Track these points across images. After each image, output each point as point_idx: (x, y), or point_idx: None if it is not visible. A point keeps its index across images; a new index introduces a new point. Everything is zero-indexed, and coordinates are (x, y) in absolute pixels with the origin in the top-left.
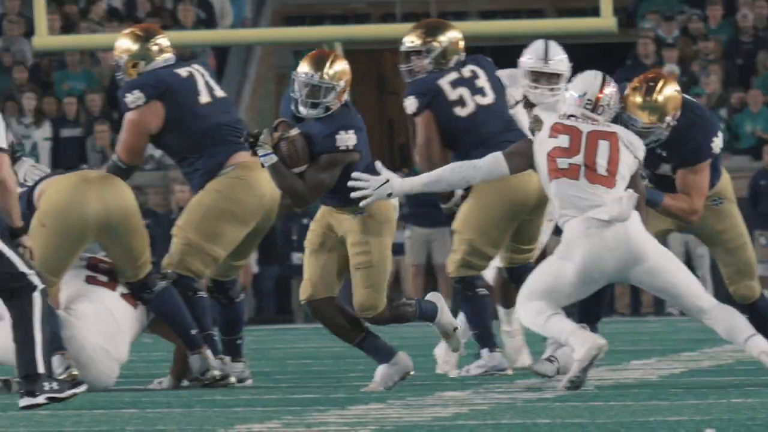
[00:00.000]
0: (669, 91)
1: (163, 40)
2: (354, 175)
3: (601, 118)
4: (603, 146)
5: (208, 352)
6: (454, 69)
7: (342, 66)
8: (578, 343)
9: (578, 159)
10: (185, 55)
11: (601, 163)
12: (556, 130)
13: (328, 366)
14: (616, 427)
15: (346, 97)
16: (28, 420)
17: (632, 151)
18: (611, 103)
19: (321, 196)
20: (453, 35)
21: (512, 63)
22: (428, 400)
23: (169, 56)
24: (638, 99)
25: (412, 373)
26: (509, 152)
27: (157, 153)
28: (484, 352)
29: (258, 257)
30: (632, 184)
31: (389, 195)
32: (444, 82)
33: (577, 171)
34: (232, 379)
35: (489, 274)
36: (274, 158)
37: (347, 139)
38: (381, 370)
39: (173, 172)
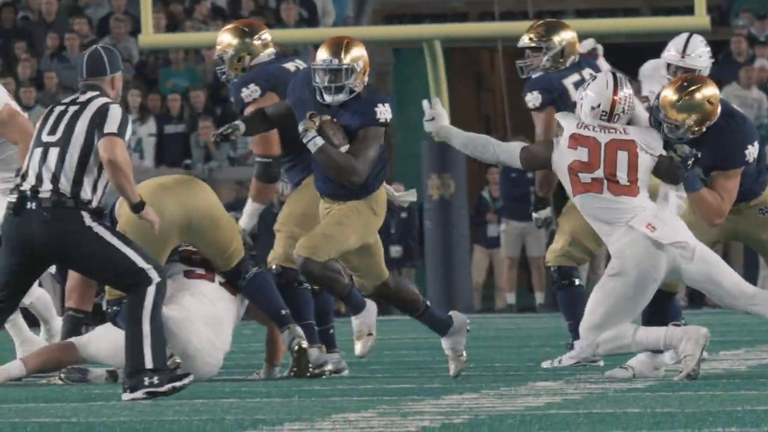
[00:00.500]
0: (705, 94)
1: (267, 35)
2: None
3: (618, 124)
4: (622, 157)
5: (297, 328)
6: (574, 70)
7: (359, 50)
8: (682, 340)
9: (599, 173)
10: (288, 52)
11: (622, 175)
12: (575, 140)
13: (424, 356)
14: (705, 416)
15: (366, 79)
16: (130, 410)
17: (650, 153)
18: (627, 107)
19: (327, 188)
20: (570, 35)
21: (608, 60)
22: (521, 389)
23: (272, 51)
24: (670, 95)
25: (468, 322)
26: (528, 149)
27: None
28: (577, 343)
29: None
30: (664, 164)
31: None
32: (569, 83)
33: (600, 185)
34: (329, 367)
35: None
36: (321, 140)
37: (386, 111)
38: (446, 342)
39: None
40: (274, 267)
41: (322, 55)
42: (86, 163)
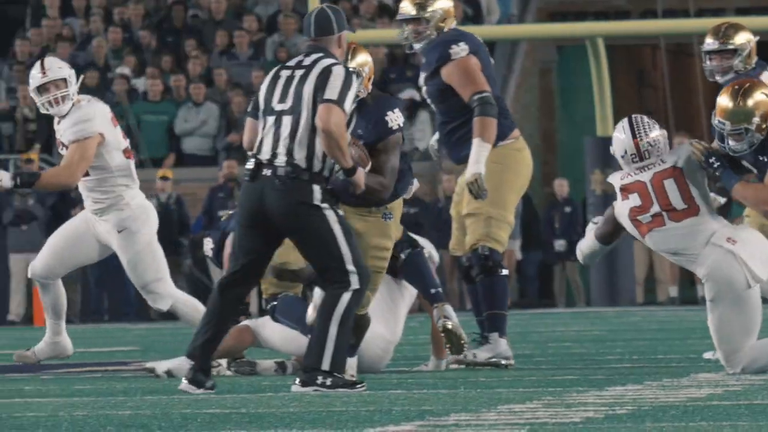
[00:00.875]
0: (756, 96)
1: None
2: None
3: (652, 158)
4: (670, 185)
5: (447, 307)
6: (760, 69)
7: (364, 56)
8: None
9: (656, 208)
10: None
11: (677, 201)
12: (625, 190)
13: (588, 348)
14: None
15: (371, 86)
16: (299, 401)
17: (693, 168)
18: (654, 142)
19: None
20: (751, 36)
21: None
22: (683, 381)
23: None
24: (725, 103)
25: None
26: (597, 229)
27: (423, 145)
28: None
29: (521, 244)
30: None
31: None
32: (765, 80)
33: (661, 218)
34: (512, 362)
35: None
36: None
37: (397, 118)
38: None
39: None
40: (479, 248)
41: None
42: (316, 129)
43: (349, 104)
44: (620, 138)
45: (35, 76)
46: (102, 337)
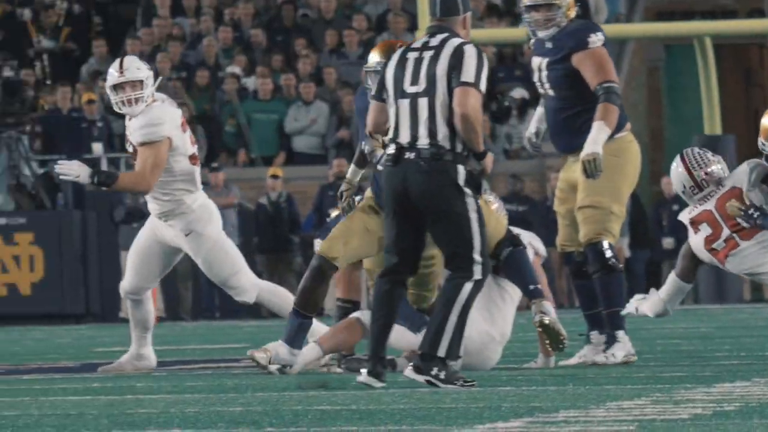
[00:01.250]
0: None
1: None
2: None
3: (711, 186)
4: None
5: (544, 303)
6: None
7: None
8: None
9: (726, 232)
10: None
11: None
12: (695, 224)
13: (696, 345)
14: None
15: None
16: (408, 398)
17: (753, 185)
18: (710, 173)
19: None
20: None
21: None
22: None
23: None
24: (766, 124)
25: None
26: (677, 271)
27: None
28: None
29: (629, 241)
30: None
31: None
32: None
33: (733, 241)
34: (633, 358)
35: None
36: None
37: None
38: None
39: (549, 160)
40: (599, 243)
41: (375, 57)
42: (453, 110)
43: (484, 84)
44: (676, 173)
45: (112, 74)
46: (213, 334)
